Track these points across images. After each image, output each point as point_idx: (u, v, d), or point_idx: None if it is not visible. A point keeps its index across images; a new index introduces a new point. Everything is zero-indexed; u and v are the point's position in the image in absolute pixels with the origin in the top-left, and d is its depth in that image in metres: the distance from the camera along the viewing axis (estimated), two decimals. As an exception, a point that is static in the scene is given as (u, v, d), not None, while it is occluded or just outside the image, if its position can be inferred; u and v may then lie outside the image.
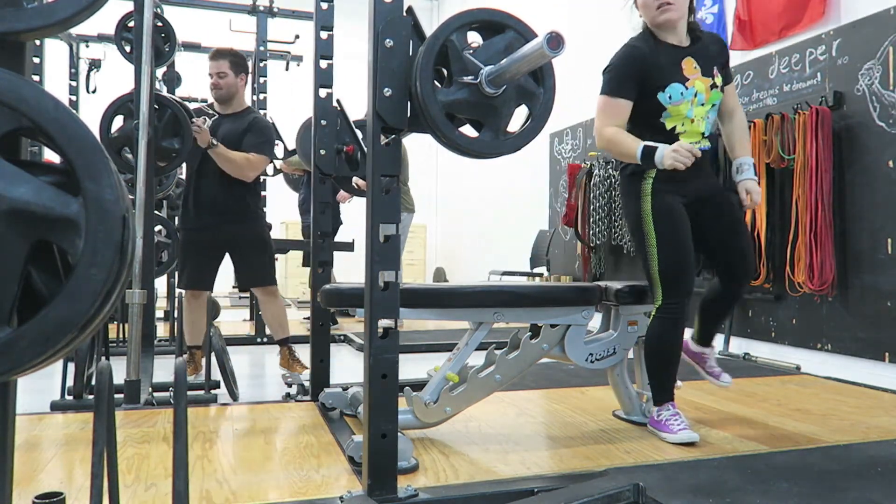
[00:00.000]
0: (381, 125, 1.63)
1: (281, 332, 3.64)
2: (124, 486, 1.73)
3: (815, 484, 1.75)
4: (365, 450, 1.63)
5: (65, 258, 0.79)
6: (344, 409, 2.57)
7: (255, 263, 3.56)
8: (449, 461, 1.99)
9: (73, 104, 5.77)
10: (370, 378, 1.62)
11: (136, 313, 2.68)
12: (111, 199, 0.75)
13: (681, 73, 2.20)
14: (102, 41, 5.73)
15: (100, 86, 6.02)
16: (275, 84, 5.72)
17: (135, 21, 3.05)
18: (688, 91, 2.19)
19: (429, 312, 2.21)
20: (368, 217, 1.64)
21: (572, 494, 1.65)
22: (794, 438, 2.25)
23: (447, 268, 10.37)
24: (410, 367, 2.71)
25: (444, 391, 2.18)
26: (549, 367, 3.57)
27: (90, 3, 0.84)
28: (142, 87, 2.88)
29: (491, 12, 1.65)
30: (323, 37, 2.79)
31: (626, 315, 2.40)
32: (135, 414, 2.51)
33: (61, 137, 0.75)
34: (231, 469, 1.91)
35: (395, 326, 1.64)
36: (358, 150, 2.84)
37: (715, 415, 2.59)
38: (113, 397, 1.16)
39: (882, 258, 3.41)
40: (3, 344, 0.73)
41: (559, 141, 6.77)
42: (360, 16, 2.31)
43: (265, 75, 5.50)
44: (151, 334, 3.13)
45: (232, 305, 7.79)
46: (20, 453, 2.00)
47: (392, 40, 1.62)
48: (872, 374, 3.40)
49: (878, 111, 3.47)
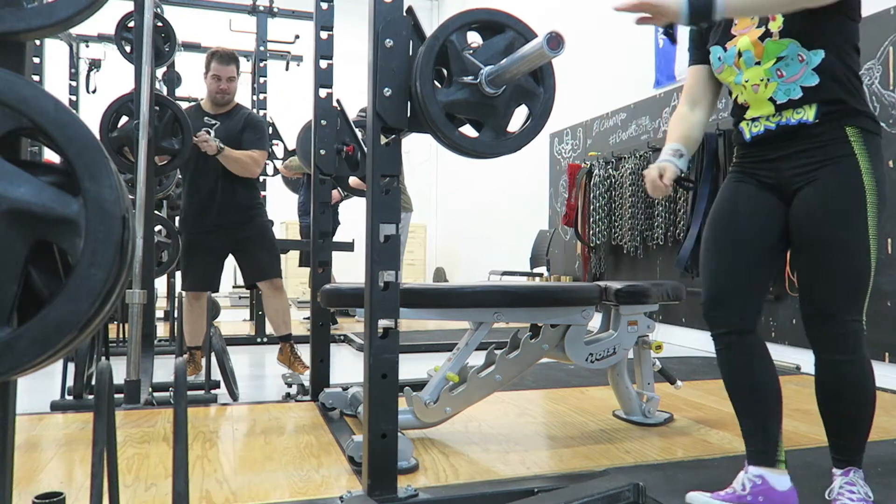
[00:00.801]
0: (381, 125, 1.63)
1: (284, 327, 3.64)
2: (124, 486, 1.73)
3: (815, 484, 1.75)
4: (365, 450, 1.63)
5: (65, 258, 0.79)
6: (344, 409, 2.57)
7: (261, 258, 3.57)
8: (449, 461, 1.99)
9: (73, 104, 5.76)
10: (370, 378, 1.62)
11: (136, 313, 2.69)
12: (111, 199, 0.75)
13: (727, 31, 1.67)
14: (102, 41, 5.73)
15: (100, 86, 6.02)
16: (275, 84, 5.72)
17: (135, 21, 3.05)
18: (727, 54, 1.65)
19: (429, 312, 2.21)
20: (368, 217, 1.64)
21: (572, 494, 1.65)
22: (794, 438, 2.25)
23: (447, 268, 10.37)
24: (410, 367, 2.71)
25: (444, 391, 2.18)
26: (549, 367, 3.57)
27: (90, 3, 0.84)
28: (142, 87, 2.88)
29: (491, 12, 1.65)
30: (323, 37, 2.79)
31: (626, 315, 2.40)
32: (135, 414, 2.51)
33: (61, 137, 0.75)
34: (231, 469, 1.91)
35: (395, 326, 1.64)
36: (358, 150, 2.84)
37: (715, 415, 2.59)
38: (113, 397, 1.16)
39: (882, 258, 3.41)
40: (3, 344, 0.73)
41: (559, 141, 6.77)
42: (360, 16, 2.31)
43: (265, 75, 5.50)
44: (151, 334, 3.13)
45: (232, 305, 7.79)
46: (20, 453, 2.00)
47: (392, 40, 1.62)
48: (872, 374, 3.40)
49: (878, 111, 3.47)
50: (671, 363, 3.42)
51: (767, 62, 1.58)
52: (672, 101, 5.06)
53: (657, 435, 2.31)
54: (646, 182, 1.78)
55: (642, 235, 5.13)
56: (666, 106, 5.14)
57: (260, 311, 4.85)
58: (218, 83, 3.50)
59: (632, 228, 5.18)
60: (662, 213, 4.85)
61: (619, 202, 5.38)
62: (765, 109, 1.62)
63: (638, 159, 5.19)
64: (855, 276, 1.58)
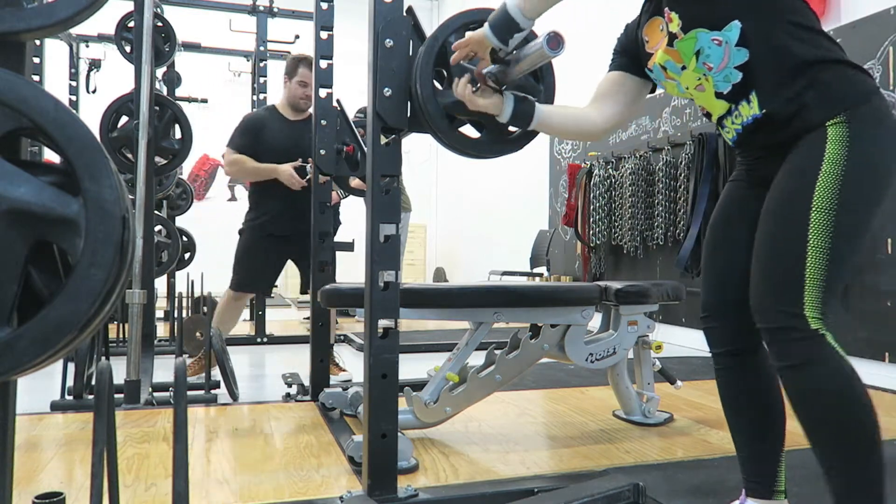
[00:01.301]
0: (381, 125, 1.63)
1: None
2: (124, 486, 1.73)
3: (815, 484, 1.74)
4: (365, 450, 1.63)
5: (65, 258, 0.79)
6: (344, 409, 2.57)
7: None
8: (449, 461, 1.99)
9: (73, 104, 5.76)
10: (370, 378, 1.62)
11: (136, 313, 2.69)
12: (111, 199, 0.75)
13: (647, 54, 1.54)
14: (102, 41, 5.73)
15: (100, 86, 6.02)
16: (275, 84, 5.72)
17: (135, 21, 3.05)
18: (654, 73, 1.53)
19: (429, 312, 2.21)
20: (368, 217, 1.64)
21: (572, 494, 1.65)
22: (794, 438, 2.24)
23: (447, 268, 10.37)
24: (410, 367, 2.71)
25: (444, 391, 2.18)
26: (549, 367, 3.57)
27: (90, 3, 0.84)
28: (142, 87, 2.88)
29: (491, 12, 1.65)
30: (323, 37, 2.79)
31: (626, 315, 2.40)
32: (135, 414, 2.51)
33: (61, 137, 0.75)
34: (231, 469, 1.91)
35: (395, 326, 1.64)
36: (358, 150, 2.84)
37: (715, 415, 2.59)
38: (113, 397, 1.16)
39: (882, 258, 3.41)
40: (3, 344, 0.73)
41: (559, 141, 6.77)
42: (360, 16, 2.31)
43: (265, 75, 5.50)
44: (151, 334, 3.13)
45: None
46: (20, 453, 2.00)
47: (392, 40, 1.62)
48: (872, 374, 3.40)
49: (878, 111, 3.47)
50: (671, 363, 3.42)
51: (690, 61, 1.42)
52: (672, 101, 5.07)
53: (657, 435, 2.31)
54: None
55: (642, 235, 5.13)
56: (666, 106, 5.14)
57: (260, 311, 4.86)
58: (304, 89, 3.46)
59: (632, 228, 5.18)
60: (662, 213, 4.85)
61: (619, 202, 5.38)
62: (719, 108, 1.44)
63: (638, 159, 5.19)
64: (788, 258, 1.25)
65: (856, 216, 1.25)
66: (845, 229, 1.24)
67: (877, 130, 1.29)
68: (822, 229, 1.24)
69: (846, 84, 1.31)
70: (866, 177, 1.27)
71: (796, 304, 1.23)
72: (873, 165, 1.28)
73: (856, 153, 1.26)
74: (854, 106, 1.28)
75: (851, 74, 1.32)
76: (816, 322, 1.23)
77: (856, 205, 1.25)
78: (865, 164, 1.27)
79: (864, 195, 1.26)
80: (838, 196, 1.24)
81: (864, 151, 1.27)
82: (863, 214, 1.27)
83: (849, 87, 1.30)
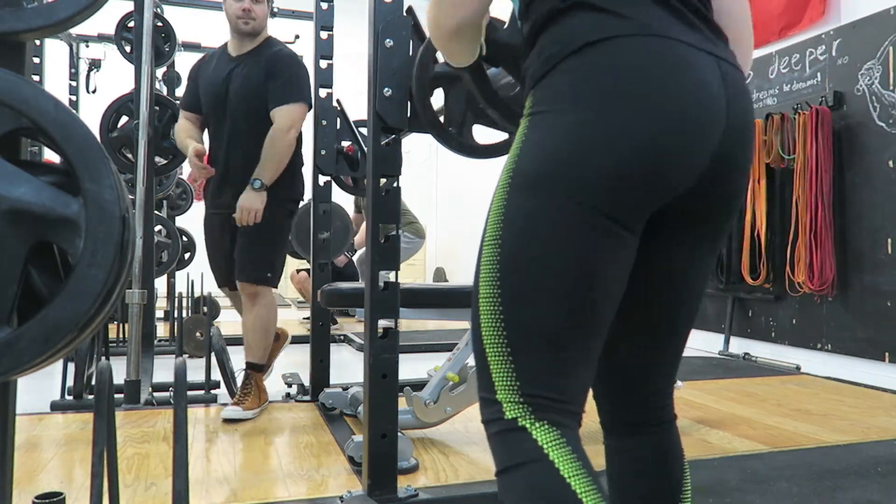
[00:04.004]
0: (381, 125, 1.63)
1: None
2: (124, 486, 1.73)
3: (814, 484, 1.75)
4: (365, 450, 1.63)
5: (65, 258, 0.79)
6: (344, 409, 2.56)
7: None
8: (449, 461, 1.99)
9: (73, 104, 5.76)
10: (370, 378, 1.62)
11: (136, 313, 2.69)
12: (111, 199, 0.75)
13: None
14: (102, 41, 5.71)
15: (100, 86, 6.01)
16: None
17: (135, 21, 3.05)
18: None
19: (429, 312, 2.21)
20: (368, 217, 1.64)
21: (572, 494, 1.65)
22: (794, 438, 2.25)
23: (447, 268, 10.37)
24: (410, 367, 2.70)
25: (444, 391, 2.18)
26: (549, 367, 3.57)
27: (90, 3, 0.84)
28: (142, 87, 2.88)
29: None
30: (323, 37, 2.79)
31: (626, 315, 2.39)
32: (135, 414, 2.51)
33: (61, 137, 0.75)
34: (231, 469, 1.91)
35: (395, 326, 1.64)
36: (358, 150, 2.84)
37: (715, 415, 2.59)
38: (113, 397, 1.16)
39: (882, 258, 3.41)
40: (3, 344, 0.73)
41: (559, 141, 6.76)
42: (360, 16, 2.31)
43: (265, 75, 5.50)
44: (151, 334, 3.13)
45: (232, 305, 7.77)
46: (20, 453, 2.00)
47: (392, 40, 1.62)
48: (872, 374, 3.40)
49: (878, 111, 3.47)
50: (671, 363, 3.42)
51: None
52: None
53: None
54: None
55: (642, 235, 5.12)
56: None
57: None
58: (240, 3, 2.48)
59: (632, 228, 5.17)
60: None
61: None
62: None
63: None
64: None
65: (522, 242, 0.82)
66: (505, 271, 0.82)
67: (602, 99, 0.82)
68: (496, 272, 0.83)
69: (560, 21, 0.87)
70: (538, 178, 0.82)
71: (491, 392, 0.83)
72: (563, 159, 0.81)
73: (542, 145, 0.84)
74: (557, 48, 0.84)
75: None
76: (502, 413, 0.81)
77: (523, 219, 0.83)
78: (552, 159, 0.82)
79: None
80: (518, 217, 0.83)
81: (566, 136, 0.81)
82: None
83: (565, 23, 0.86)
